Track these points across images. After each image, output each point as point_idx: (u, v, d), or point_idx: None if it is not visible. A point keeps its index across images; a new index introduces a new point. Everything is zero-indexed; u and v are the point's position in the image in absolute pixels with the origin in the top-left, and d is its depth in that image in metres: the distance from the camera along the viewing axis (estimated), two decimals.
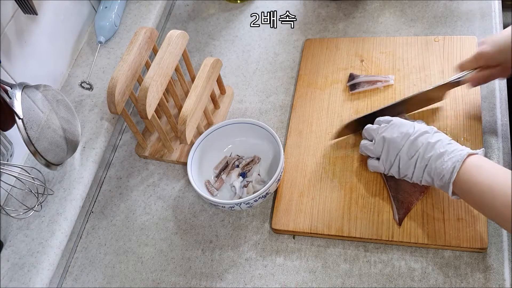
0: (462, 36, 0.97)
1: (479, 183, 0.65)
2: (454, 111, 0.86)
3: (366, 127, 0.80)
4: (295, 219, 0.81)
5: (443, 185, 0.69)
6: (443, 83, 0.82)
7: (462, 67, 0.81)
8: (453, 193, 0.68)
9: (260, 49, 1.08)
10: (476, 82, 0.80)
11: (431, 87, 0.82)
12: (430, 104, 0.87)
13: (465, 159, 0.67)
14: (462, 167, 0.66)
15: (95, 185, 0.95)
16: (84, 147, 0.93)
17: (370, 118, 0.83)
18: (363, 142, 0.80)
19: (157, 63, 0.84)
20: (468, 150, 0.68)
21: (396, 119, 0.76)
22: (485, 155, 0.80)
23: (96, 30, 1.07)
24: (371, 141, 0.78)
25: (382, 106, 0.84)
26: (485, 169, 0.65)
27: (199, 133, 0.90)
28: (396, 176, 0.76)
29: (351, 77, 0.95)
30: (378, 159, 0.77)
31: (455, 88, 0.86)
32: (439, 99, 0.86)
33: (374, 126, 0.79)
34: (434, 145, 0.70)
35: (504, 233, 0.75)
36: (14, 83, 0.77)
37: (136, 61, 0.88)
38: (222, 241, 0.84)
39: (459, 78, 0.80)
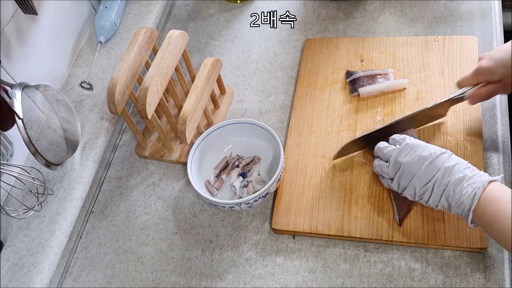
0: (462, 36, 0.97)
1: (500, 212, 0.62)
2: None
3: (379, 146, 0.77)
4: (295, 219, 0.81)
5: (461, 212, 0.66)
6: (444, 100, 0.80)
7: (461, 84, 0.79)
8: (472, 221, 0.66)
9: (260, 49, 1.08)
10: (477, 99, 0.77)
11: (432, 105, 0.81)
12: (432, 121, 0.85)
13: (485, 186, 0.64)
14: (482, 195, 0.64)
15: (95, 185, 0.95)
16: (84, 147, 0.93)
17: (374, 136, 0.81)
18: (377, 162, 0.77)
19: (157, 63, 0.84)
20: (488, 176, 0.66)
21: (409, 140, 0.74)
22: (504, 180, 0.77)
23: (96, 30, 1.07)
24: (386, 161, 0.76)
25: (383, 124, 0.83)
26: (507, 198, 0.62)
27: (199, 133, 0.90)
28: (411, 198, 0.73)
29: (349, 74, 0.95)
30: (392, 178, 0.75)
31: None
32: (441, 115, 0.85)
33: (389, 147, 0.76)
34: (452, 169, 0.68)
35: None
36: (14, 83, 0.77)
37: (136, 61, 0.88)
38: (222, 241, 0.84)
39: (460, 94, 0.79)
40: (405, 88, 0.92)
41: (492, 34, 0.97)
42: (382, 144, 0.77)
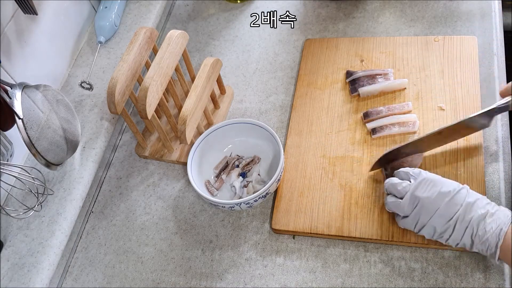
0: (462, 36, 0.97)
1: None
2: (453, 110, 0.86)
3: (392, 182, 0.73)
4: (295, 219, 0.81)
5: (485, 248, 0.65)
6: (487, 109, 0.75)
7: (504, 93, 0.76)
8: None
9: (260, 49, 1.08)
10: None
11: (477, 113, 0.75)
12: (473, 132, 0.81)
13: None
14: (508, 230, 0.63)
15: (95, 185, 0.95)
16: (84, 147, 0.93)
17: (419, 144, 0.79)
18: (390, 199, 0.73)
19: (157, 63, 0.84)
20: (510, 211, 0.65)
21: (425, 174, 0.71)
22: None
23: (96, 30, 1.07)
24: (400, 197, 0.72)
25: (417, 136, 0.78)
26: None
27: (199, 133, 0.90)
28: (428, 237, 0.70)
29: (349, 73, 0.95)
30: (406, 216, 0.71)
31: (455, 96, 0.86)
32: (484, 126, 0.78)
33: (403, 182, 0.72)
34: (474, 205, 0.66)
35: None
36: (14, 83, 0.77)
37: (136, 61, 0.88)
38: (222, 241, 0.84)
39: (504, 103, 0.75)
40: (405, 88, 0.92)
41: (492, 34, 0.97)
42: (394, 180, 0.73)
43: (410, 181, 0.72)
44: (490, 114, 0.77)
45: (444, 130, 0.78)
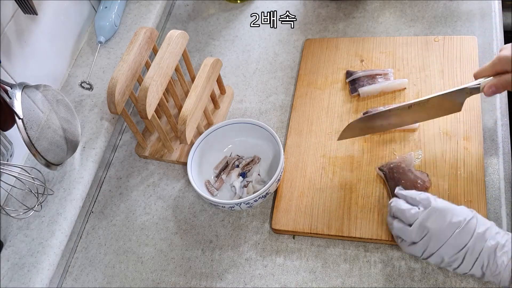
0: (462, 36, 0.97)
1: None
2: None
3: (400, 207, 0.71)
4: (295, 219, 0.81)
5: (498, 282, 0.64)
6: (458, 88, 0.75)
7: (478, 75, 0.75)
8: None
9: (260, 49, 1.08)
10: (494, 89, 0.73)
11: (447, 91, 0.76)
12: (445, 114, 0.81)
13: None
14: None
15: (95, 185, 0.95)
16: (84, 147, 0.93)
17: (382, 116, 0.79)
18: (397, 224, 0.71)
19: (157, 63, 0.84)
20: None
21: (434, 201, 0.69)
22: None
23: (96, 30, 1.07)
24: (409, 224, 0.70)
25: (395, 104, 0.78)
26: None
27: (199, 133, 0.90)
28: (435, 264, 0.70)
29: (349, 74, 0.95)
30: (414, 243, 0.69)
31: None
32: (455, 109, 0.79)
33: (412, 209, 0.70)
34: (484, 236, 0.65)
35: None
36: (14, 83, 0.77)
37: (136, 61, 0.88)
38: (222, 241, 0.84)
39: (476, 84, 0.74)
40: (405, 88, 0.92)
41: (492, 34, 0.97)
42: (402, 205, 0.71)
43: (419, 208, 0.69)
44: (461, 94, 0.76)
45: (414, 104, 0.77)
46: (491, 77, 0.73)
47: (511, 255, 0.63)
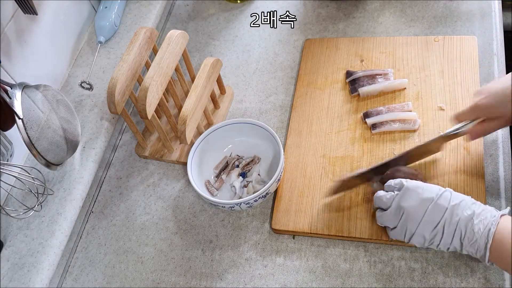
0: (462, 36, 0.97)
1: None
2: (453, 110, 0.85)
3: (377, 195, 0.73)
4: (295, 219, 0.81)
5: (474, 251, 0.65)
6: (439, 136, 0.77)
7: (458, 118, 0.76)
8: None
9: (260, 49, 1.08)
10: (475, 135, 0.75)
11: (428, 142, 0.78)
12: (427, 156, 0.81)
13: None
14: (496, 231, 0.63)
15: (95, 185, 0.95)
16: (84, 147, 0.93)
17: (370, 173, 0.79)
18: (378, 213, 0.73)
19: (157, 63, 0.84)
20: (496, 210, 0.65)
21: (406, 182, 0.70)
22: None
23: (96, 30, 1.07)
24: (385, 209, 0.72)
25: (379, 163, 0.79)
26: None
27: (199, 133, 0.90)
28: (419, 246, 0.70)
29: (349, 74, 0.95)
30: (395, 227, 0.71)
31: (455, 96, 0.86)
32: (437, 150, 0.80)
33: (387, 194, 0.72)
34: (459, 207, 0.66)
35: None
36: (14, 83, 0.77)
37: (136, 61, 0.88)
38: (222, 241, 0.84)
39: (456, 130, 0.76)
40: (405, 88, 0.92)
41: (492, 34, 0.97)
42: (380, 193, 0.73)
43: (394, 192, 0.71)
44: (441, 141, 0.78)
45: (403, 154, 0.79)
46: (471, 121, 0.74)
47: (487, 223, 0.63)
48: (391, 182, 0.73)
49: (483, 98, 0.72)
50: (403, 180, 0.71)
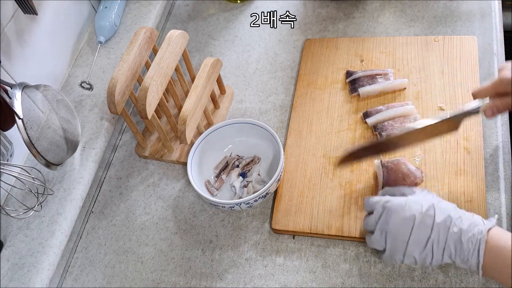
0: (462, 36, 0.97)
1: (507, 262, 0.60)
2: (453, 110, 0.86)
3: (364, 221, 0.71)
4: (295, 219, 0.81)
5: (468, 268, 0.64)
6: (458, 113, 0.72)
7: (478, 94, 0.72)
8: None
9: (260, 49, 1.08)
10: (495, 111, 0.70)
11: (446, 117, 0.72)
12: (443, 135, 0.78)
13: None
14: (486, 249, 0.62)
15: (95, 185, 0.95)
16: (84, 147, 0.93)
17: (382, 145, 0.76)
18: (367, 237, 0.71)
19: (157, 63, 0.84)
20: (482, 224, 0.64)
21: (386, 203, 0.68)
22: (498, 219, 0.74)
23: (96, 30, 1.07)
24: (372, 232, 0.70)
25: (393, 134, 0.76)
26: (508, 246, 0.61)
27: (199, 133, 0.90)
28: (413, 265, 0.69)
29: (349, 74, 0.95)
30: (385, 251, 0.69)
31: (455, 96, 0.86)
32: (453, 129, 0.75)
33: (371, 217, 0.69)
34: (445, 224, 0.64)
35: None
36: (14, 83, 0.77)
37: (136, 61, 0.88)
38: (222, 241, 0.84)
39: (476, 107, 0.71)
40: (405, 88, 0.92)
41: (492, 34, 0.97)
42: (366, 218, 0.71)
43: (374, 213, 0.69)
44: (460, 118, 0.73)
45: (413, 132, 0.73)
46: (490, 98, 0.71)
47: (475, 241, 0.62)
48: (372, 203, 0.71)
49: (505, 71, 0.68)
50: (383, 199, 0.69)
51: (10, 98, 0.74)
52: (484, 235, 0.62)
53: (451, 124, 0.74)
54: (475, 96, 0.72)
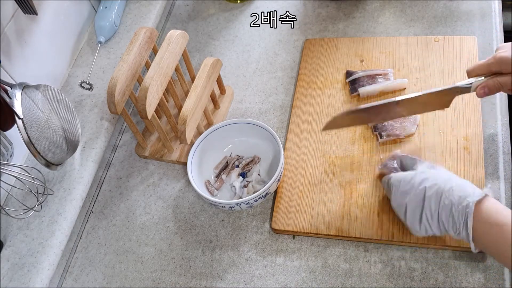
0: (462, 36, 0.97)
1: (497, 235, 0.61)
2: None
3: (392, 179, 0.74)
4: (295, 219, 0.81)
5: (461, 239, 0.65)
6: (450, 87, 0.73)
7: (472, 72, 0.73)
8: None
9: (260, 49, 1.08)
10: (487, 90, 0.71)
11: (437, 90, 0.74)
12: (433, 109, 0.80)
13: (474, 209, 0.63)
14: (474, 222, 0.62)
15: (95, 185, 0.95)
16: (84, 147, 0.93)
17: (371, 111, 0.76)
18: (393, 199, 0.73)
19: (157, 63, 0.84)
20: (472, 198, 0.63)
21: (393, 178, 0.72)
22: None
23: (96, 30, 1.07)
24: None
25: (377, 102, 0.76)
26: (497, 219, 0.61)
27: (199, 133, 0.90)
28: (420, 235, 0.70)
29: (349, 73, 0.95)
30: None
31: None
32: (444, 105, 0.77)
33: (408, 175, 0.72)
34: (436, 197, 0.66)
35: None
36: (14, 83, 0.77)
37: (136, 61, 0.88)
38: (222, 241, 0.84)
39: (468, 84, 0.72)
40: (405, 88, 0.92)
41: (492, 34, 0.97)
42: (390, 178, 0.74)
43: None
44: (451, 93, 0.74)
45: (404, 100, 0.74)
46: (483, 78, 0.72)
47: (464, 213, 0.63)
48: (385, 178, 0.76)
49: (505, 52, 0.69)
50: (388, 177, 0.74)
51: (10, 98, 0.74)
52: (472, 208, 0.62)
53: (442, 99, 0.75)
54: (469, 73, 0.74)
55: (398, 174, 0.73)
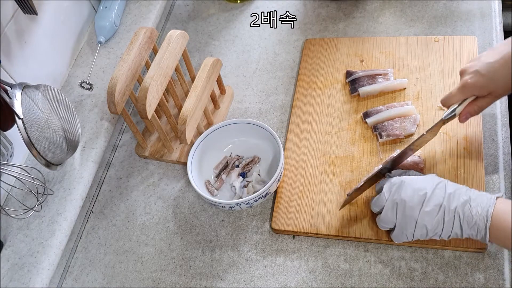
0: (462, 36, 0.97)
1: None
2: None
3: (372, 202, 0.74)
4: (295, 219, 0.81)
5: (475, 233, 0.66)
6: (436, 123, 0.76)
7: (447, 103, 0.75)
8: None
9: (260, 49, 1.08)
10: (468, 115, 0.74)
11: (426, 131, 0.76)
12: (426, 143, 0.80)
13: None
14: (494, 212, 0.64)
15: (95, 185, 0.95)
16: (84, 147, 0.93)
17: (377, 176, 0.77)
18: (377, 219, 0.74)
19: (157, 63, 0.84)
20: (492, 195, 0.66)
21: (402, 177, 0.72)
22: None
23: (96, 30, 1.07)
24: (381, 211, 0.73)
25: (380, 165, 0.77)
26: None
27: (199, 133, 0.90)
28: (422, 238, 0.70)
29: (349, 74, 0.95)
30: (393, 229, 0.72)
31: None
32: (434, 136, 0.79)
33: (380, 196, 0.72)
34: (455, 194, 0.67)
35: None
36: (14, 83, 0.77)
37: (136, 61, 0.88)
38: (222, 241, 0.84)
39: (451, 113, 0.75)
40: (405, 88, 0.92)
41: (492, 34, 0.97)
42: (374, 198, 0.74)
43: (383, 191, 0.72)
44: (438, 126, 0.77)
45: (404, 151, 0.77)
46: (463, 103, 0.74)
47: (484, 205, 0.65)
48: (380, 183, 0.75)
49: (470, 78, 0.70)
50: (390, 180, 0.73)
51: (10, 98, 0.74)
52: (493, 200, 0.65)
53: (432, 133, 0.78)
54: (443, 104, 0.76)
55: (412, 176, 0.72)
